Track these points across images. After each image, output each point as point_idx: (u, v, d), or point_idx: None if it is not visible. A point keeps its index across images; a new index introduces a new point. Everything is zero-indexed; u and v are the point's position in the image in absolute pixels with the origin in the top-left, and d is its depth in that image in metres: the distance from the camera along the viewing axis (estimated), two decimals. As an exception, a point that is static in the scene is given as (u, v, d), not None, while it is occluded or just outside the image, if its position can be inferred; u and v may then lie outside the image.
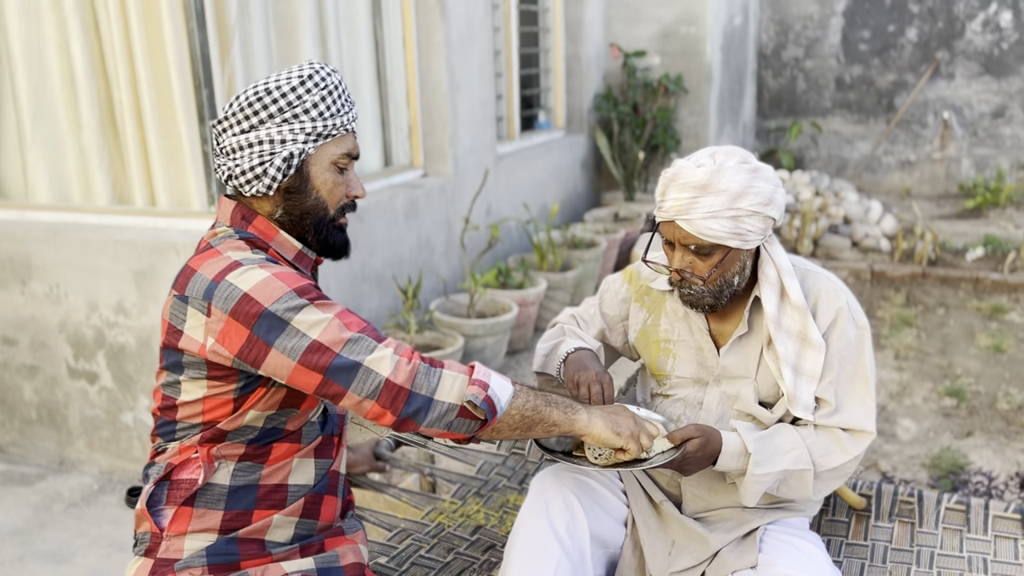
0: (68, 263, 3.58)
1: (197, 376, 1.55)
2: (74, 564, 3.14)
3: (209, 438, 1.59)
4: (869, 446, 1.98)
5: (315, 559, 1.68)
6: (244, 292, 1.46)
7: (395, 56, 4.68)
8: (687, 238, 1.77)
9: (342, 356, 1.45)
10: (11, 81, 3.89)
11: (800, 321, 1.83)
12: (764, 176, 1.75)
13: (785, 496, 1.89)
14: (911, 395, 4.26)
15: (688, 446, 1.76)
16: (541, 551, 1.82)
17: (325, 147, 1.60)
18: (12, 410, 3.88)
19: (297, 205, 1.61)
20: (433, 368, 1.50)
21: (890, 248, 6.53)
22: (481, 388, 1.50)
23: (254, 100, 1.55)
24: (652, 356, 2.02)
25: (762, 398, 1.90)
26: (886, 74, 8.31)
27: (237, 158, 1.57)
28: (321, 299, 1.50)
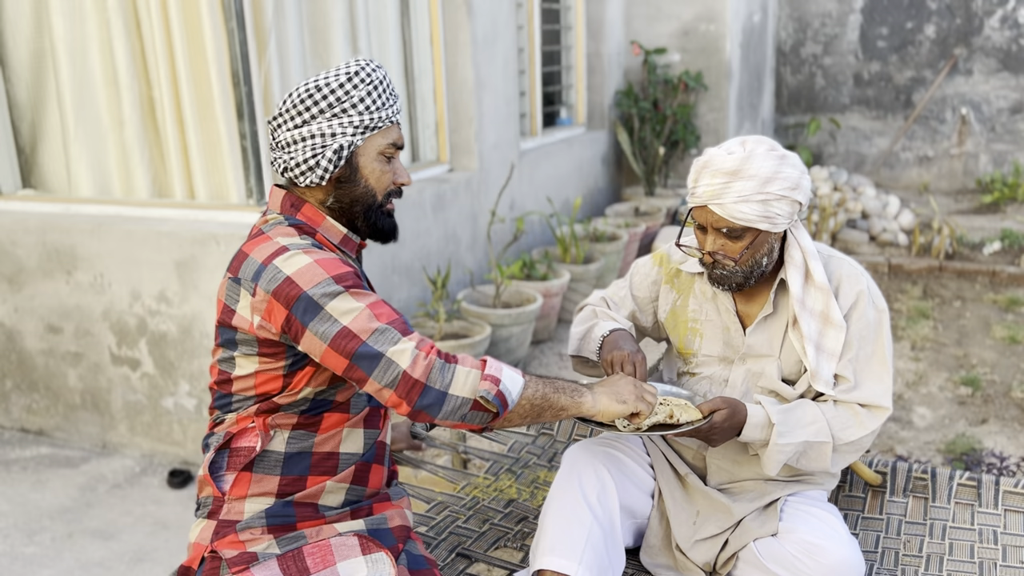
0: (112, 254, 3.73)
1: (249, 352, 1.68)
2: (121, 541, 3.28)
3: (264, 409, 1.71)
4: (885, 424, 2.09)
5: (365, 521, 1.80)
6: (287, 275, 1.58)
7: (423, 54, 4.80)
8: (719, 221, 1.88)
9: (367, 344, 1.54)
10: (55, 79, 4.04)
11: (823, 302, 1.94)
12: (791, 163, 1.87)
13: (804, 467, 2.00)
14: (927, 384, 4.35)
15: (716, 416, 1.87)
16: (574, 518, 1.94)
17: (372, 138, 1.71)
18: (57, 396, 4.04)
19: (347, 193, 1.73)
20: (448, 364, 1.58)
21: (907, 242, 6.60)
22: (493, 383, 1.58)
23: (306, 97, 1.67)
24: (680, 335, 2.13)
25: (785, 375, 2.01)
26: (904, 70, 8.37)
27: (291, 151, 1.70)
28: (357, 288, 1.61)
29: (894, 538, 2.23)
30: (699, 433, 1.88)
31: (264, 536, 1.71)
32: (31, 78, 4.12)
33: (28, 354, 4.05)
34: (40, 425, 4.12)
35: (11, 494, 3.62)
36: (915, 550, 2.17)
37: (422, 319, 4.27)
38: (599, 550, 1.93)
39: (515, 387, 1.62)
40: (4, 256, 3.97)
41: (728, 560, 2.01)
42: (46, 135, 4.18)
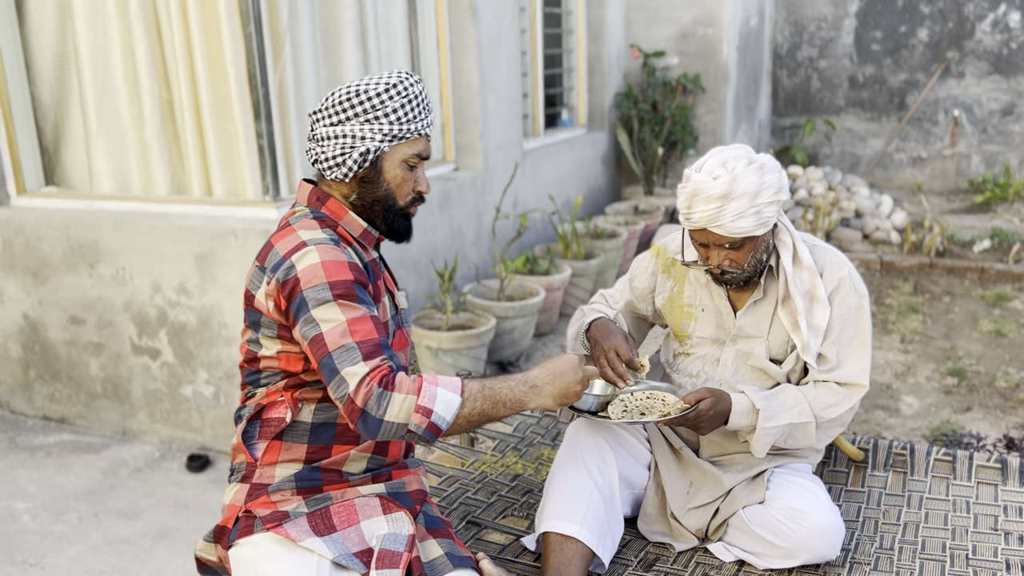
0: (134, 247, 3.90)
1: (271, 335, 1.85)
2: (144, 520, 3.45)
3: (292, 384, 1.89)
4: (873, 412, 2.26)
5: (385, 484, 1.98)
6: (296, 272, 1.75)
7: (429, 57, 4.98)
8: (720, 239, 2.05)
9: (331, 357, 1.68)
10: (78, 80, 4.21)
11: (810, 280, 2.13)
12: (769, 168, 2.03)
13: (791, 447, 2.17)
14: (915, 375, 4.52)
15: (701, 404, 2.05)
16: (576, 486, 2.12)
17: (399, 147, 1.86)
18: (79, 385, 4.20)
19: (369, 193, 1.88)
20: (385, 392, 1.65)
21: (900, 240, 6.77)
22: (424, 416, 1.65)
23: (344, 100, 1.83)
24: (676, 319, 2.31)
25: (772, 355, 2.19)
26: (898, 73, 8.54)
27: (324, 146, 1.86)
28: (347, 299, 1.74)
29: (874, 508, 2.40)
30: (687, 421, 2.05)
31: (294, 497, 1.88)
32: (54, 80, 4.29)
33: (51, 345, 4.21)
34: (62, 413, 4.29)
35: (37, 477, 3.78)
36: (893, 519, 2.34)
37: (430, 311, 4.44)
38: (599, 515, 2.10)
39: (449, 412, 1.68)
40: (29, 250, 4.14)
41: (719, 527, 2.18)
42: (69, 135, 4.35)
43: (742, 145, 2.10)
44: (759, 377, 2.20)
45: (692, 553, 2.22)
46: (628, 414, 2.08)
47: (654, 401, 2.13)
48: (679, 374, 2.30)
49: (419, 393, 1.67)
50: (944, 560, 2.15)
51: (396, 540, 1.82)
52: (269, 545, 1.82)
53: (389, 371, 1.69)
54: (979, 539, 2.23)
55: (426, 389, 1.67)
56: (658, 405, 2.11)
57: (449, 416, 1.68)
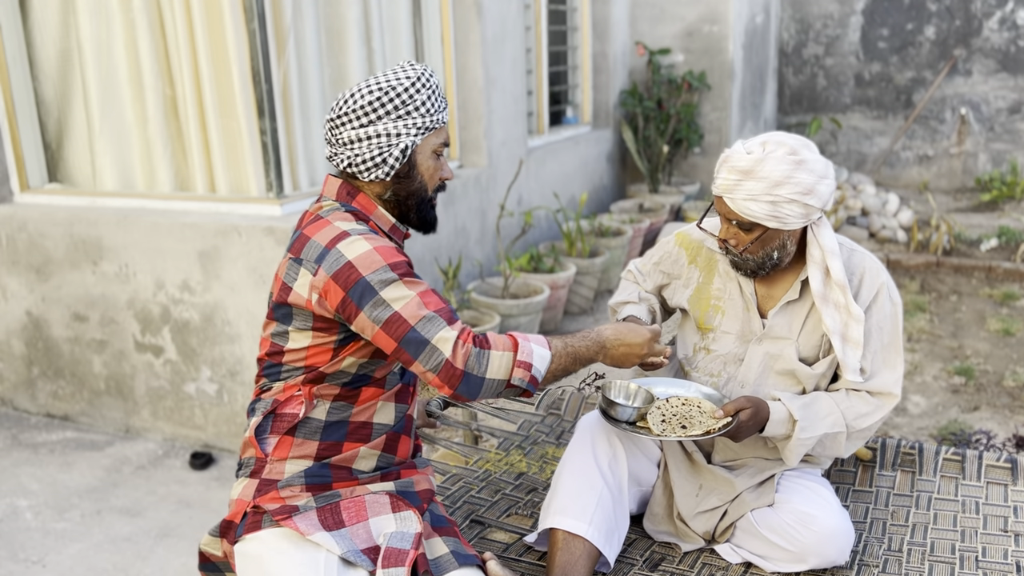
0: (137, 244, 3.89)
1: (304, 327, 1.83)
2: (147, 518, 3.44)
3: (311, 379, 1.87)
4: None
5: (395, 483, 1.96)
6: (348, 260, 1.74)
7: (434, 54, 4.96)
8: (730, 214, 2.02)
9: (415, 330, 1.68)
10: (82, 77, 4.19)
11: (843, 296, 2.06)
12: (808, 168, 1.96)
13: (819, 454, 2.14)
14: (922, 374, 4.49)
15: (741, 415, 2.00)
16: (586, 482, 2.09)
17: (428, 138, 1.88)
18: (82, 382, 4.19)
19: (405, 188, 1.89)
20: (483, 351, 1.71)
21: (906, 239, 6.73)
22: (525, 370, 1.73)
23: (373, 99, 1.81)
24: (702, 311, 2.25)
25: (802, 357, 2.14)
26: (904, 71, 8.50)
27: (356, 148, 1.84)
28: (410, 276, 1.76)
29: (882, 509, 2.37)
30: (728, 432, 2.01)
31: (303, 494, 1.87)
32: (58, 76, 4.28)
33: (54, 342, 4.20)
34: (65, 410, 4.28)
35: (40, 474, 3.77)
36: (902, 520, 2.31)
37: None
38: (608, 513, 2.07)
39: (544, 365, 1.76)
40: (32, 247, 4.13)
41: (726, 529, 2.15)
42: (72, 131, 4.33)
43: (807, 140, 2.04)
44: (785, 380, 2.16)
45: (698, 554, 2.19)
46: (667, 424, 2.03)
47: (690, 408, 2.08)
48: (698, 372, 2.24)
49: (516, 349, 1.73)
50: (954, 562, 2.12)
51: (403, 539, 1.81)
52: (276, 541, 1.81)
53: (475, 333, 1.73)
54: (989, 541, 2.20)
55: (522, 344, 1.74)
56: (694, 413, 2.06)
57: (544, 369, 1.75)
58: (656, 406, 2.10)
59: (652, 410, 2.08)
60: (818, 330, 2.12)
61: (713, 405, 2.08)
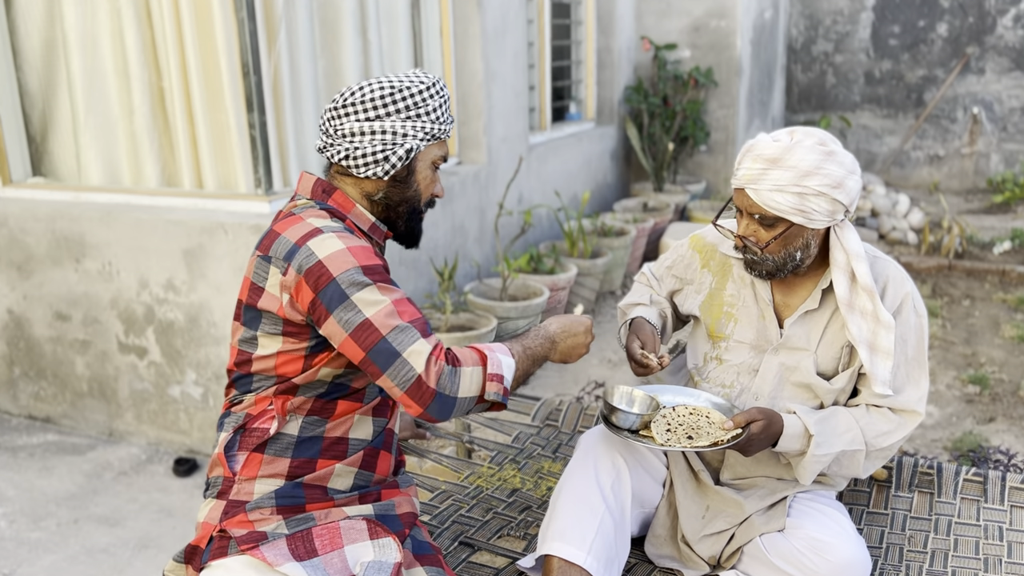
0: (120, 242, 3.74)
1: (273, 332, 1.69)
2: (126, 527, 3.29)
3: (283, 390, 1.73)
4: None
5: (373, 506, 1.81)
6: (319, 259, 1.61)
7: (432, 47, 4.80)
8: (753, 207, 1.88)
9: (387, 341, 1.57)
10: (66, 68, 4.05)
11: (871, 302, 1.91)
12: (838, 161, 1.83)
13: (835, 474, 1.99)
14: (935, 382, 4.34)
15: (752, 427, 1.85)
16: (587, 505, 1.94)
17: (431, 147, 1.79)
18: (64, 383, 4.05)
19: (399, 192, 1.79)
20: (455, 369, 1.62)
21: (917, 241, 6.58)
22: (498, 383, 1.65)
23: (385, 94, 1.72)
24: (714, 318, 2.11)
25: (820, 370, 1.99)
26: (916, 69, 8.33)
27: (357, 142, 1.73)
28: (384, 282, 1.64)
29: (899, 533, 2.22)
30: (736, 445, 1.87)
31: (273, 516, 1.73)
32: (42, 67, 4.13)
33: (36, 341, 4.06)
34: (47, 412, 4.14)
35: (18, 480, 3.63)
36: (920, 545, 2.17)
37: (429, 311, 4.27)
38: (608, 540, 1.93)
39: (511, 374, 1.69)
40: (14, 244, 3.98)
41: (733, 554, 2.01)
42: (57, 123, 4.19)
43: (831, 135, 1.90)
44: (802, 394, 2.01)
45: (702, 582, 2.04)
46: (672, 434, 1.89)
47: (697, 418, 1.94)
48: (709, 383, 2.11)
49: (485, 362, 1.65)
50: (977, 594, 1.97)
51: (381, 568, 1.67)
52: (243, 570, 1.67)
53: (446, 348, 1.65)
54: (1014, 571, 2.05)
55: (490, 357, 1.67)
56: (702, 423, 1.92)
57: (511, 379, 1.69)
58: (661, 414, 1.95)
59: (657, 418, 1.94)
60: (838, 342, 1.98)
61: (723, 416, 1.94)
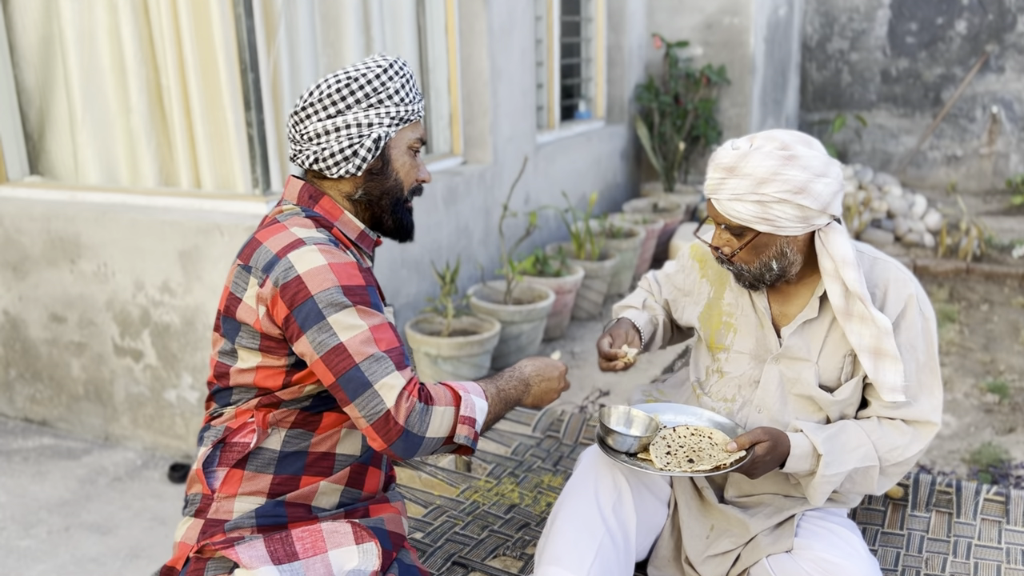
0: (116, 242, 3.66)
1: (251, 346, 1.61)
2: (118, 536, 3.21)
3: (266, 403, 1.64)
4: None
5: (360, 521, 1.72)
6: (298, 274, 1.52)
7: (437, 44, 4.70)
8: (718, 216, 1.81)
9: (359, 369, 1.49)
10: (63, 65, 3.97)
11: (866, 308, 1.80)
12: (801, 165, 1.72)
13: (848, 491, 1.89)
14: (952, 390, 4.21)
15: (757, 449, 1.75)
16: (585, 528, 1.84)
17: (403, 131, 1.69)
18: (60, 386, 3.98)
19: (378, 186, 1.69)
20: (427, 408, 1.53)
21: (934, 243, 6.43)
22: (469, 426, 1.57)
23: (341, 87, 1.62)
24: (713, 329, 2.02)
25: (823, 382, 1.89)
26: (933, 67, 8.17)
27: (323, 142, 1.64)
28: (364, 304, 1.55)
29: (915, 555, 2.11)
30: (741, 468, 1.77)
31: (253, 537, 1.64)
32: (39, 63, 4.06)
33: (32, 343, 3.99)
34: (44, 415, 4.07)
35: (11, 485, 3.56)
36: (937, 569, 2.06)
37: (430, 315, 4.17)
38: (608, 564, 1.82)
39: (483, 418, 1.62)
40: (9, 244, 3.91)
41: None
42: (54, 121, 4.12)
43: (806, 136, 1.80)
44: (806, 407, 1.91)
45: (706, 608, 1.93)
46: (672, 456, 1.78)
47: (699, 439, 1.84)
48: (711, 397, 2.01)
49: (457, 403, 1.57)
50: (1000, 626, 1.86)
51: None
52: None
53: (420, 383, 1.57)
54: (1039, 599, 1.94)
55: (464, 398, 1.59)
56: (704, 445, 1.82)
57: (483, 421, 1.62)
58: (661, 435, 1.85)
59: (657, 440, 1.83)
60: (840, 351, 1.87)
61: (726, 436, 1.84)
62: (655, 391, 2.23)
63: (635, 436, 1.82)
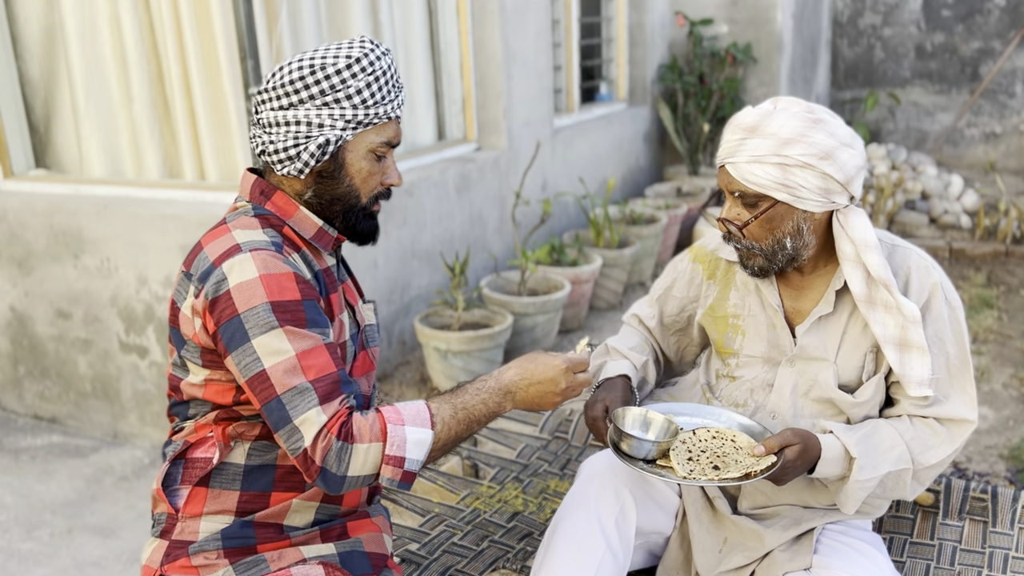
0: (118, 237, 3.58)
1: (195, 360, 1.52)
2: (120, 538, 3.15)
3: (224, 417, 1.54)
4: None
5: (336, 544, 1.61)
6: (228, 288, 1.41)
7: (449, 25, 4.56)
8: (732, 183, 1.65)
9: (280, 401, 1.39)
10: (65, 56, 3.90)
11: (891, 295, 1.66)
12: (827, 130, 1.60)
13: (879, 496, 1.74)
14: (989, 381, 4.01)
15: (787, 453, 1.60)
16: (585, 545, 1.72)
17: (364, 134, 1.52)
18: (68, 383, 3.92)
19: (328, 190, 1.54)
20: (346, 446, 1.40)
21: (971, 225, 6.19)
22: (395, 466, 1.42)
23: (296, 78, 1.47)
24: (720, 333, 1.88)
25: (842, 382, 1.75)
26: (971, 41, 7.86)
27: (272, 133, 1.51)
28: (296, 324, 1.41)
29: (947, 568, 1.96)
30: (770, 477, 1.61)
31: (219, 561, 1.54)
32: (43, 54, 3.99)
33: (39, 339, 3.93)
34: (53, 412, 4.02)
35: (17, 485, 3.51)
36: (971, 584, 1.90)
37: (440, 308, 4.05)
38: (609, 584, 1.70)
39: (422, 451, 1.44)
40: (14, 239, 3.85)
41: (752, 594, 1.77)
42: (58, 113, 4.05)
43: (828, 111, 1.67)
44: (825, 411, 1.76)
45: (717, 629, 1.80)
46: (695, 463, 1.62)
47: (722, 443, 1.68)
48: (721, 402, 1.86)
49: (384, 438, 1.41)
50: (1039, 650, 1.70)
51: None
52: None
53: (348, 414, 1.42)
54: (1083, 619, 1.78)
55: (392, 433, 1.42)
56: (728, 449, 1.66)
57: (422, 456, 1.44)
58: (681, 439, 1.68)
59: (676, 445, 1.67)
60: (860, 347, 1.72)
61: (750, 439, 1.68)
62: (665, 395, 2.08)
63: (653, 441, 1.65)
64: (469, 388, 1.52)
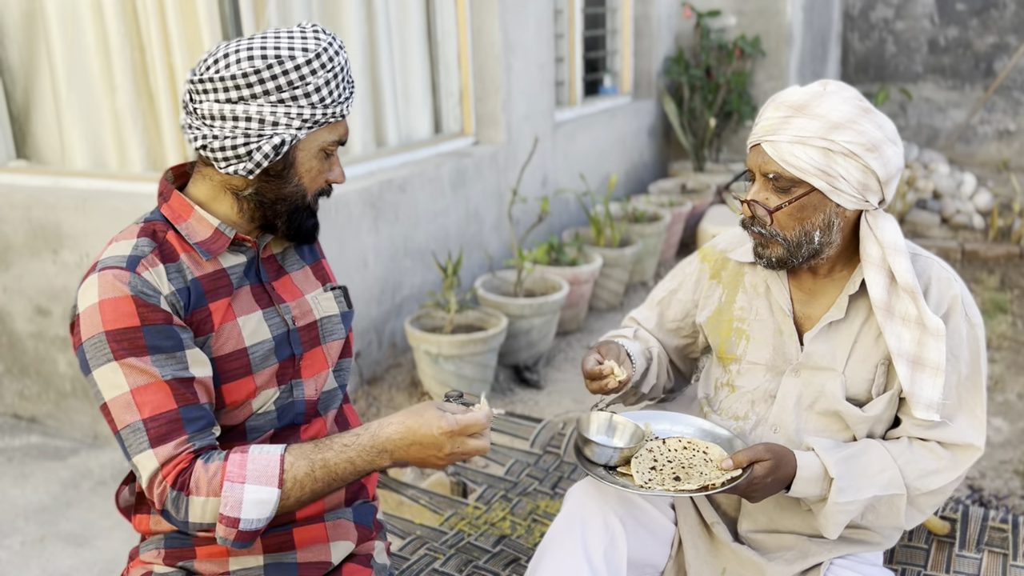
0: (97, 232, 3.45)
1: None
2: (94, 547, 3.02)
3: None
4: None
5: (265, 556, 1.52)
6: (79, 313, 1.36)
7: (446, 16, 4.41)
8: (767, 164, 1.53)
9: (120, 436, 1.35)
10: (46, 43, 3.76)
11: (914, 305, 1.54)
12: (876, 122, 1.51)
13: (871, 525, 1.62)
14: (1004, 391, 3.86)
15: (756, 469, 1.49)
16: None
17: (317, 133, 1.42)
18: (47, 382, 3.79)
19: (274, 189, 1.43)
20: (181, 496, 1.33)
21: (984, 225, 6.03)
22: (230, 527, 1.33)
23: (249, 70, 1.34)
24: (723, 337, 1.75)
25: (850, 395, 1.62)
26: (985, 36, 7.68)
27: (215, 128, 1.37)
28: (133, 355, 1.31)
29: (964, 606, 1.81)
30: (735, 489, 1.51)
31: (163, 564, 1.52)
32: (22, 40, 3.84)
33: (18, 337, 3.80)
34: (33, 412, 3.89)
35: (-9, 489, 3.38)
36: (990, 624, 1.76)
37: (431, 309, 3.90)
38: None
39: (263, 511, 1.34)
40: (-9, 232, 3.72)
41: (755, 632, 1.64)
42: (39, 102, 3.90)
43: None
44: (831, 424, 1.64)
45: (715, 676, 1.66)
46: (657, 472, 1.52)
47: (692, 454, 1.57)
48: (720, 415, 1.74)
49: (220, 494, 1.33)
50: None
51: None
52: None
53: (190, 462, 1.34)
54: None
55: (227, 492, 1.32)
56: (697, 460, 1.55)
57: (265, 515, 1.34)
58: (648, 448, 1.58)
59: (642, 453, 1.57)
60: (871, 359, 1.60)
61: (723, 451, 1.57)
62: (660, 407, 1.95)
63: (616, 447, 1.56)
64: (336, 443, 1.37)
